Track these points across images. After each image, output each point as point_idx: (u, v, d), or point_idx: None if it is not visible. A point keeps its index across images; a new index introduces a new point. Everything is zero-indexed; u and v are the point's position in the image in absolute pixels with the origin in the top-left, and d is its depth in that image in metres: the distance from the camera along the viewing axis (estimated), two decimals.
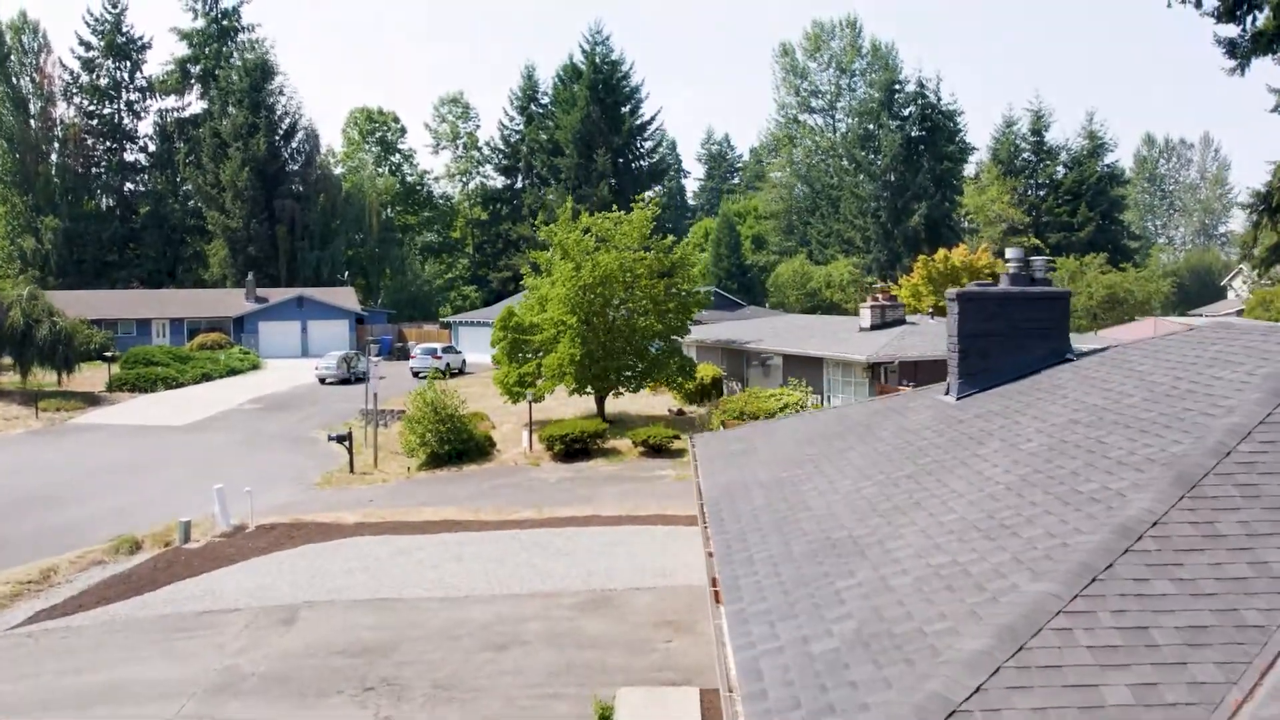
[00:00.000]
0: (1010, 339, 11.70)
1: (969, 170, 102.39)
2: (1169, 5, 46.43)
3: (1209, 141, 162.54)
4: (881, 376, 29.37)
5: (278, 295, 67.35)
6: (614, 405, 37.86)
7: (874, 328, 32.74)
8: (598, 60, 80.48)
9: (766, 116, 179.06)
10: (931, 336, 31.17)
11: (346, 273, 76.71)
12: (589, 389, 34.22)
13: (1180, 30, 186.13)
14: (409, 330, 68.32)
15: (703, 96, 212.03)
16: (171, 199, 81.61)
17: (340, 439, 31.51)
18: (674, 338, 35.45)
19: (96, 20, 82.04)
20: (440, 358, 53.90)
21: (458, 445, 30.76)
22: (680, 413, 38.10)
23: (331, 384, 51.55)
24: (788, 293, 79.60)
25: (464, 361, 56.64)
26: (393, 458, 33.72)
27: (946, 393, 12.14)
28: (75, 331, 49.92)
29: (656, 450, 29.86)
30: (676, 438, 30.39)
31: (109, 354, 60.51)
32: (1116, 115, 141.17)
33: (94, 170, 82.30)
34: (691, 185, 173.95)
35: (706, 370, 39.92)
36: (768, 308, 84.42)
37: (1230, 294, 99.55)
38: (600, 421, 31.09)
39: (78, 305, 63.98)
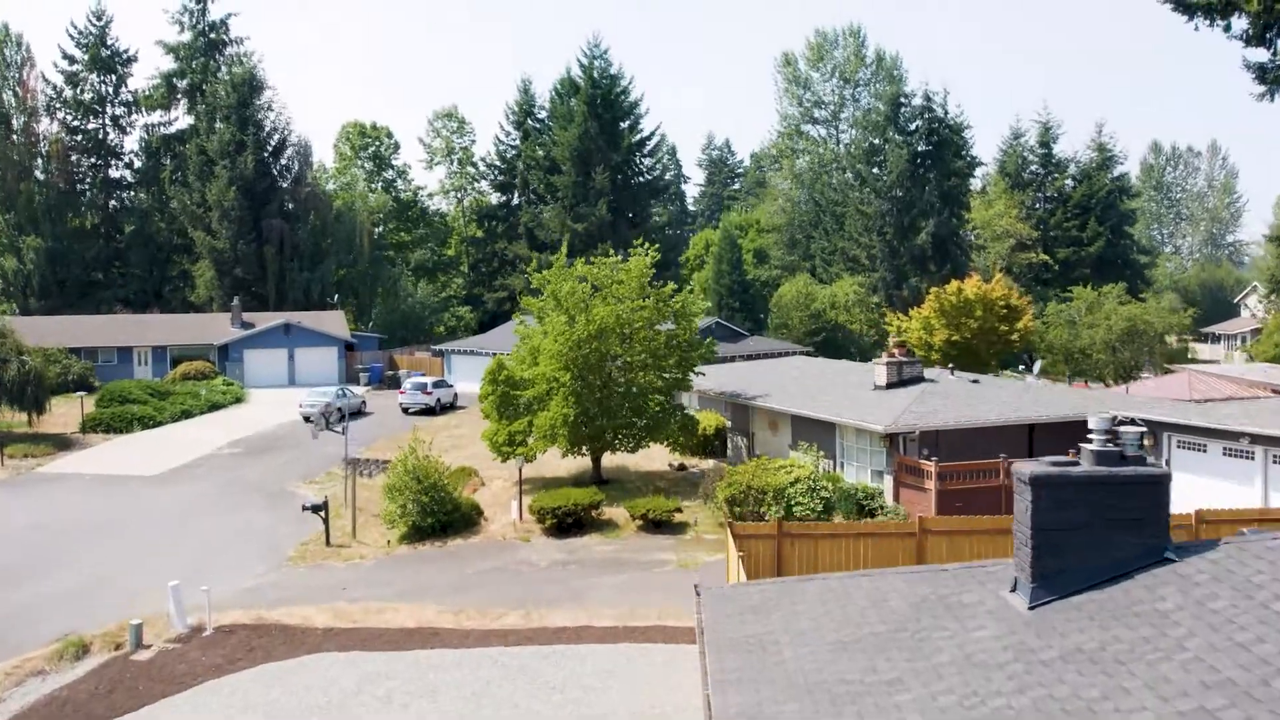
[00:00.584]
0: (1094, 531, 9.46)
1: (975, 184, 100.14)
2: (1195, 28, 44.27)
3: (1217, 149, 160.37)
4: (901, 446, 27.12)
5: (265, 320, 65.10)
6: (611, 459, 35.62)
7: (890, 386, 30.49)
8: (596, 75, 78.19)
9: (769, 127, 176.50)
10: (954, 400, 28.92)
11: (337, 295, 74.40)
12: (583, 449, 32.00)
13: (1188, 38, 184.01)
14: (400, 357, 66.02)
15: (703, 100, 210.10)
16: (158, 217, 79.31)
17: (316, 508, 29.25)
18: (676, 392, 33.23)
19: (80, 33, 79.72)
20: (430, 393, 51.65)
21: (441, 517, 28.51)
22: (682, 467, 35.88)
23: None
24: (791, 314, 77.28)
25: (455, 395, 54.38)
26: (373, 522, 31.45)
27: (1013, 589, 9.89)
28: (46, 370, 47.80)
29: (656, 525, 27.61)
30: (678, 510, 28.15)
31: (88, 386, 58.32)
32: (1123, 122, 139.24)
33: (78, 187, 79.97)
34: (692, 191, 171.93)
35: (709, 419, 37.68)
36: (771, 329, 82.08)
37: (1244, 312, 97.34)
38: (595, 491, 28.84)
39: (57, 333, 61.91)
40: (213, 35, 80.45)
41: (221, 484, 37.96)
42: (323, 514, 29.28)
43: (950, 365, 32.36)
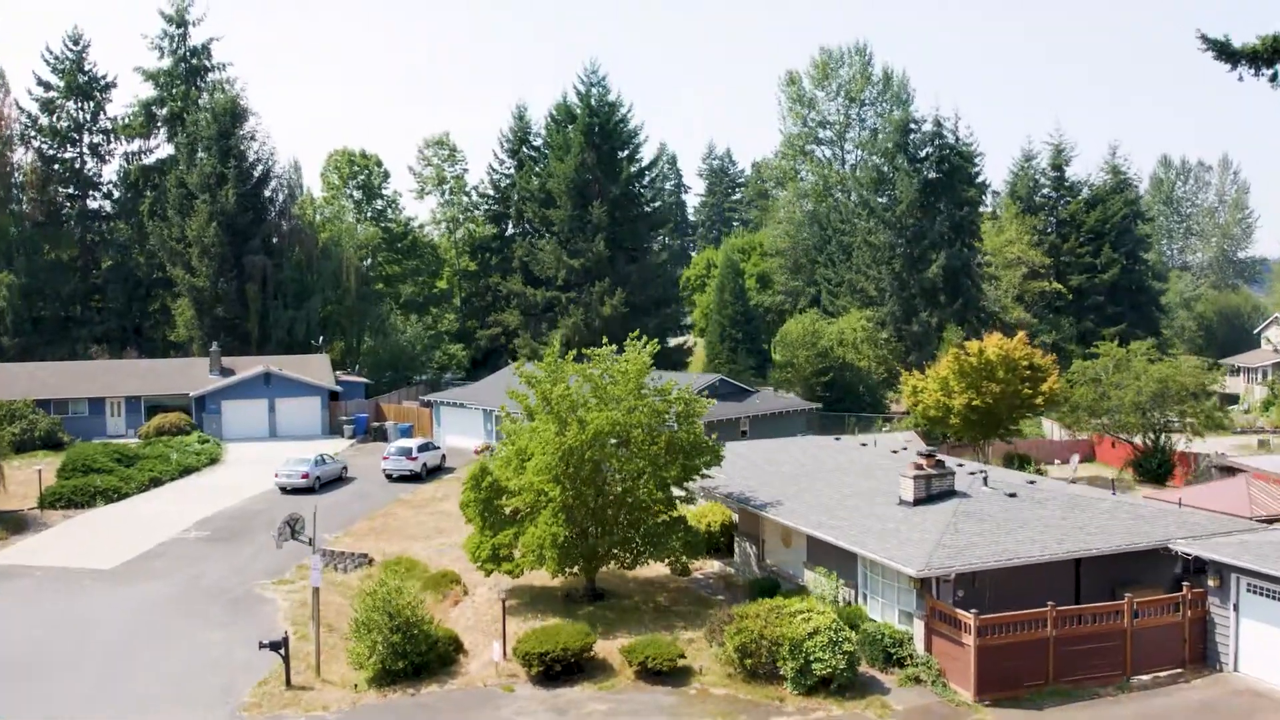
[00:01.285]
0: None
1: (985, 207, 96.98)
2: (1240, 78, 41.42)
3: (1228, 164, 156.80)
4: (933, 589, 23.95)
5: (245, 365, 61.96)
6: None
7: (917, 502, 27.30)
8: (593, 103, 74.94)
9: (773, 147, 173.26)
10: (990, 524, 25.73)
11: (322, 337, 71.11)
12: (576, 569, 28.83)
13: (1198, 50, 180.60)
14: (387, 406, 62.76)
15: (704, 103, 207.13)
16: (136, 250, 76.09)
17: (275, 646, 26.06)
18: (676, 499, 30.11)
19: (56, 58, 76.53)
20: (415, 458, 48.48)
21: (414, 659, 25.30)
22: (685, 571, 32.68)
23: (292, 493, 46.22)
24: (798, 352, 74.00)
25: (443, 457, 51.25)
26: (344, 646, 28.23)
27: None
28: (2, 437, 44.79)
29: (656, 675, 24.40)
30: (681, 655, 24.94)
31: (56, 442, 55.21)
32: (1132, 133, 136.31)
33: (54, 219, 76.58)
34: (692, 201, 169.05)
35: (715, 513, 34.50)
36: (776, 368, 78.70)
37: (1265, 345, 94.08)
38: (586, 632, 25.60)
39: (25, 382, 59.02)
40: (194, 61, 77.21)
41: (181, 584, 34.75)
42: (282, 651, 26.10)
43: (983, 474, 29.15)
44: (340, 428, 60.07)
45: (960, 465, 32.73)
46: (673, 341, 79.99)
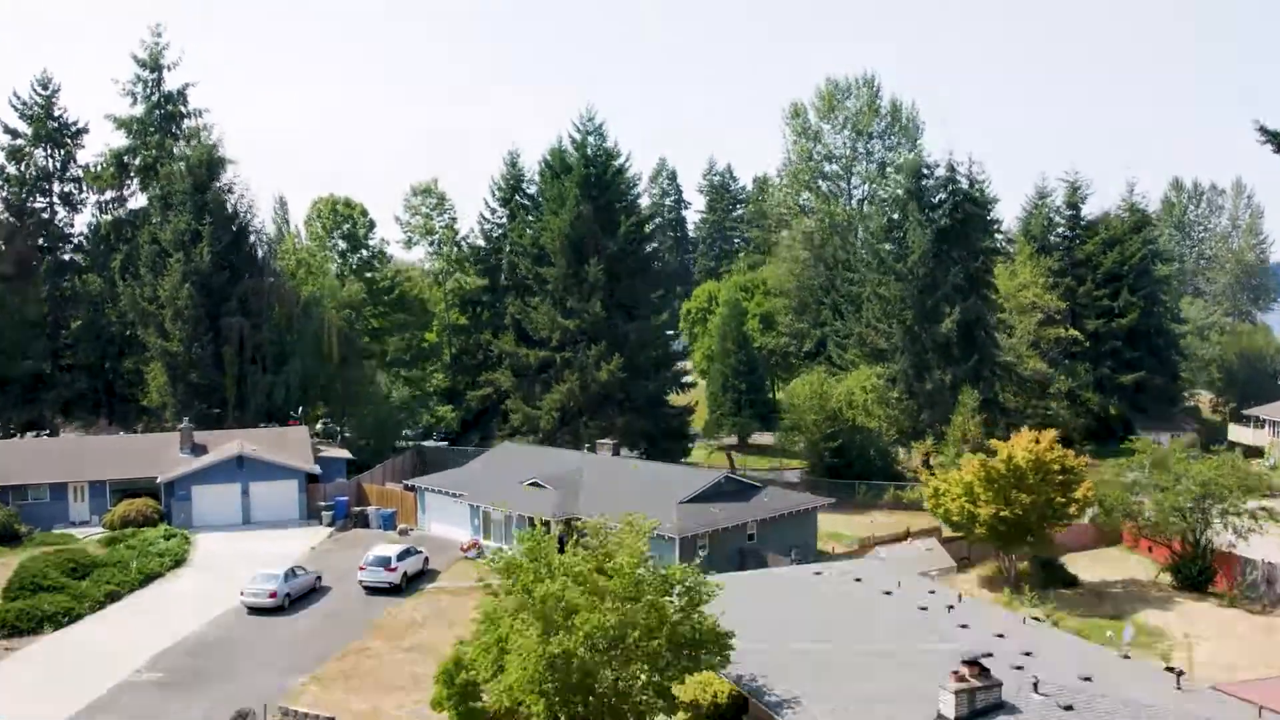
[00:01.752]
0: None
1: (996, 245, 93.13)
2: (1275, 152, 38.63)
3: (1241, 188, 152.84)
4: None
5: (219, 440, 58.35)
6: None
7: None
8: (589, 151, 71.09)
9: (775, 167, 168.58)
10: None
11: (301, 408, 67.20)
12: None
13: (1207, 72, 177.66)
14: (370, 487, 58.86)
15: (706, 102, 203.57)
16: (109, 306, 72.20)
17: None
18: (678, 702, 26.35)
19: (24, 105, 72.67)
20: (394, 569, 44.75)
21: None
22: None
23: (259, 612, 42.46)
24: (805, 415, 70.37)
25: (425, 561, 47.53)
26: None
27: None
28: None
29: None
30: None
31: (13, 534, 51.62)
32: (1141, 148, 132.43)
33: (23, 273, 72.57)
34: (693, 217, 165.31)
35: (722, 683, 30.68)
36: (783, 430, 75.15)
37: None
38: None
39: None
40: (169, 108, 73.20)
41: None
42: None
43: (1034, 677, 25.29)
44: (319, 513, 56.28)
45: (1000, 636, 29.02)
46: (674, 401, 75.77)
